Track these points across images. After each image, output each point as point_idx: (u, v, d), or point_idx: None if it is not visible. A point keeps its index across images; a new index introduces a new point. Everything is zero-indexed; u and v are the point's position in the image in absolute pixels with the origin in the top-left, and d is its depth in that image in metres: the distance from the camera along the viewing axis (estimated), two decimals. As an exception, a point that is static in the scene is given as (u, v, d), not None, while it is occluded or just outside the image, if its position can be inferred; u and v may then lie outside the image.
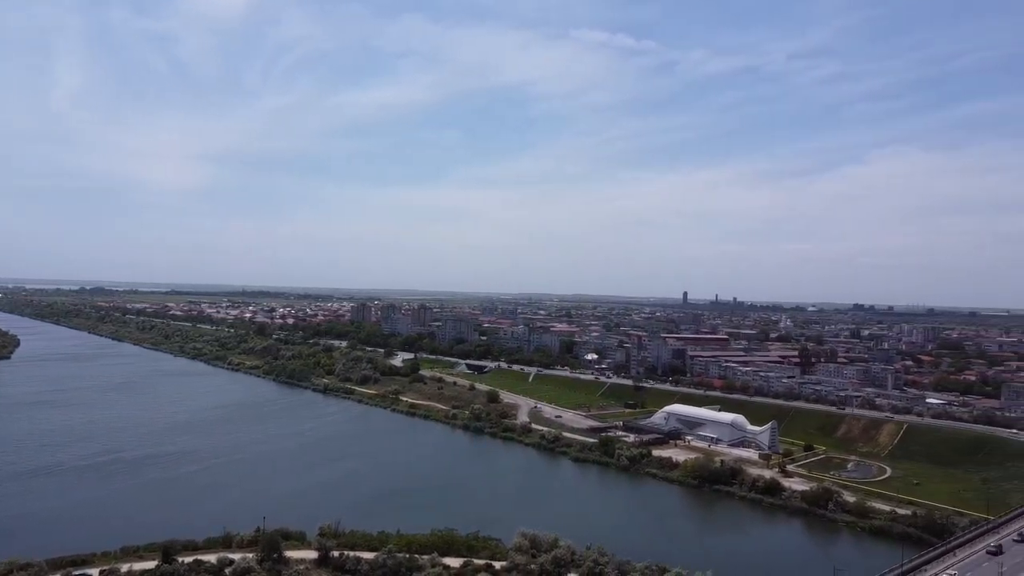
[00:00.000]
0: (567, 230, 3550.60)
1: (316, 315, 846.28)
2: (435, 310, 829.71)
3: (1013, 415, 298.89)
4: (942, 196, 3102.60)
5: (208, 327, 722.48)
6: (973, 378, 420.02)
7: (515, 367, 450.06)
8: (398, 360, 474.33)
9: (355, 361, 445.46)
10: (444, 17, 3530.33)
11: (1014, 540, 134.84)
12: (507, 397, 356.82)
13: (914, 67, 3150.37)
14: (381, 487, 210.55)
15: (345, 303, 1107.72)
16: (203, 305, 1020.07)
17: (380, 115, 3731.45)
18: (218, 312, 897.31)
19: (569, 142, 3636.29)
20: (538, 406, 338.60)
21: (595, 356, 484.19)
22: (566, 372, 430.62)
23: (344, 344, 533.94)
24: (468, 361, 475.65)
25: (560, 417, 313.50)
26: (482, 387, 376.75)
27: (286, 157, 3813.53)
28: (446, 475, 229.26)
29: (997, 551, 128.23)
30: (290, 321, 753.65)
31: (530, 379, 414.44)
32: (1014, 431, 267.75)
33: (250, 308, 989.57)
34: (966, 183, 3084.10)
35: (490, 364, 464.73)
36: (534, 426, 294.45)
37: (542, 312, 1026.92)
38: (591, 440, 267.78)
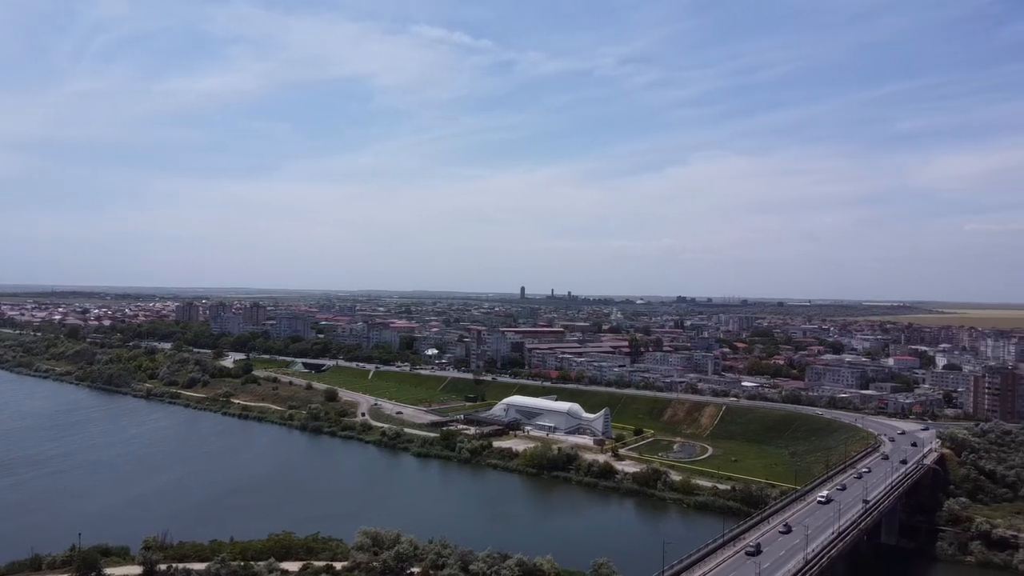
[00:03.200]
0: (407, 226, 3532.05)
1: (137, 316, 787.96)
2: (269, 308, 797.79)
3: (815, 394, 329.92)
4: (753, 196, 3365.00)
5: (10, 331, 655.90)
6: (781, 362, 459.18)
7: (354, 364, 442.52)
8: (229, 361, 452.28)
9: (181, 363, 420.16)
10: (277, 4, 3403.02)
11: (819, 501, 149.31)
12: (346, 395, 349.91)
13: (727, 76, 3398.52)
14: (213, 494, 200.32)
15: (169, 303, 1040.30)
16: (3, 307, 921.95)
17: (209, 104, 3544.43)
18: (22, 315, 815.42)
19: (408, 138, 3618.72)
20: (378, 403, 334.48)
21: (435, 351, 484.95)
22: (406, 368, 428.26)
23: (169, 346, 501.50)
24: (305, 360, 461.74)
25: (401, 413, 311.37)
26: (320, 386, 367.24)
27: (104, 146, 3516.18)
28: (283, 478, 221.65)
29: (815, 507, 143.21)
30: (107, 323, 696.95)
31: (370, 376, 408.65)
32: (816, 409, 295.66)
33: (60, 309, 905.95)
34: (773, 185, 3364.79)
35: (328, 362, 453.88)
36: (374, 423, 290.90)
37: (381, 309, 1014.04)
38: (433, 434, 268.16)
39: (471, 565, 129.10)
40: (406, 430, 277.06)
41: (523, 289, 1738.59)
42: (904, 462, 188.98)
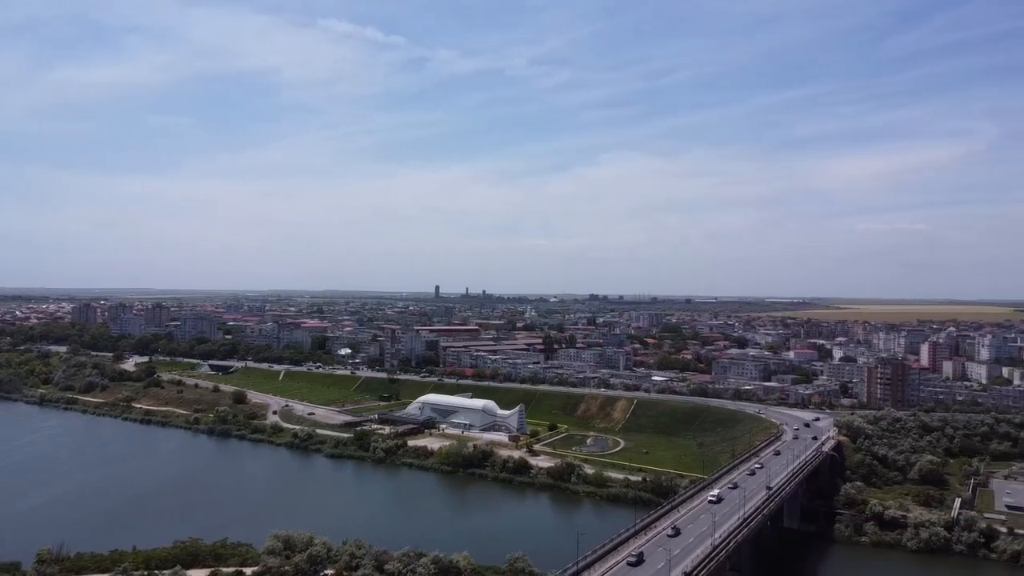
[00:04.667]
0: (318, 224, 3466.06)
1: (28, 318, 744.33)
2: (173, 309, 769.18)
3: (721, 387, 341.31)
4: (661, 197, 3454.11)
5: None
6: (690, 357, 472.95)
7: (264, 365, 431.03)
8: (131, 364, 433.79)
9: (78, 367, 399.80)
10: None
11: (729, 487, 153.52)
12: (256, 397, 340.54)
13: (636, 79, 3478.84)
14: (115, 503, 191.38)
15: (64, 304, 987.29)
16: None
17: (103, 95, 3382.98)
18: None
19: (318, 134, 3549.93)
20: (289, 404, 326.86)
21: (349, 351, 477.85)
22: (319, 368, 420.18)
23: (64, 349, 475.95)
24: (212, 361, 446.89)
25: (313, 414, 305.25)
26: (228, 388, 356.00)
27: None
28: (190, 483, 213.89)
29: (717, 500, 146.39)
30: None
31: (280, 377, 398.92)
32: (722, 401, 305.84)
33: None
34: (681, 185, 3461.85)
35: (236, 364, 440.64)
36: (286, 425, 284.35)
37: (292, 309, 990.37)
38: (346, 435, 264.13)
39: (386, 565, 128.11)
40: (319, 431, 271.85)
41: (438, 288, 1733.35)
42: (804, 450, 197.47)
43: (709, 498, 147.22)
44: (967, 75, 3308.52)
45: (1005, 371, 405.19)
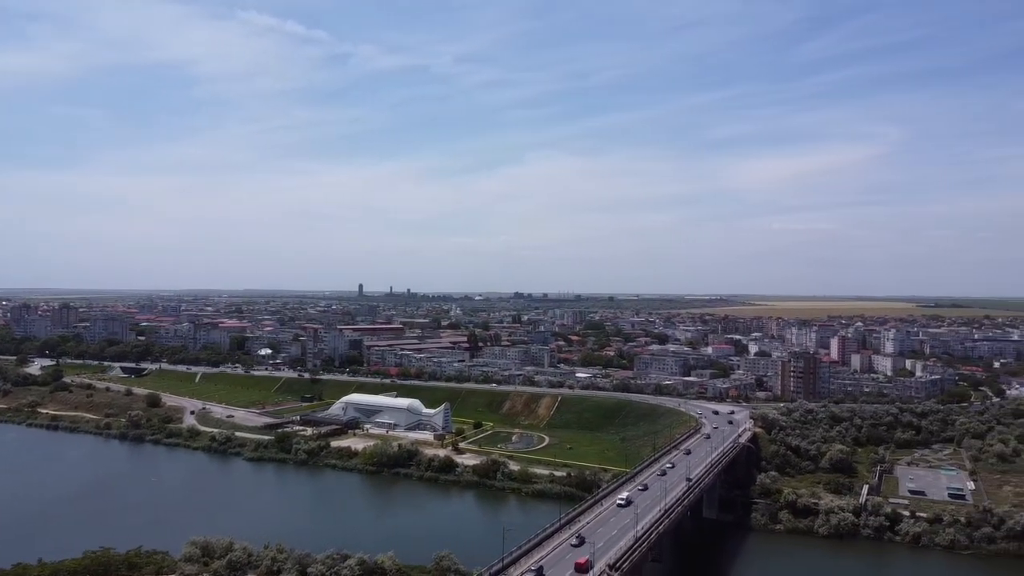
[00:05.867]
0: (237, 222, 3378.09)
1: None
2: (81, 310, 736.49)
3: (643, 382, 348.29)
4: (586, 196, 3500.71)
5: None
6: (612, 353, 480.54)
7: (179, 367, 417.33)
8: (36, 368, 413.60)
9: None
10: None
11: (618, 504, 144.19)
12: (171, 400, 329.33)
13: (561, 79, 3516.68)
14: (18, 514, 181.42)
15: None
16: None
17: (5, 85, 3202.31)
18: None
19: (237, 129, 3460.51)
20: (207, 407, 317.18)
21: (269, 351, 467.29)
22: (238, 369, 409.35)
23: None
24: (124, 364, 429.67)
25: (232, 417, 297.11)
26: (141, 391, 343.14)
27: None
28: (101, 490, 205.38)
29: (626, 503, 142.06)
30: None
31: (197, 379, 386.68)
32: (644, 396, 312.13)
33: None
34: (604, 185, 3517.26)
35: (150, 366, 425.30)
36: (203, 428, 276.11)
37: (210, 308, 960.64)
38: (267, 437, 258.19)
39: (309, 568, 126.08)
40: (238, 434, 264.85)
41: (361, 286, 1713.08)
42: (722, 442, 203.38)
43: (617, 502, 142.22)
44: (874, 81, 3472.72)
45: (908, 363, 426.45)
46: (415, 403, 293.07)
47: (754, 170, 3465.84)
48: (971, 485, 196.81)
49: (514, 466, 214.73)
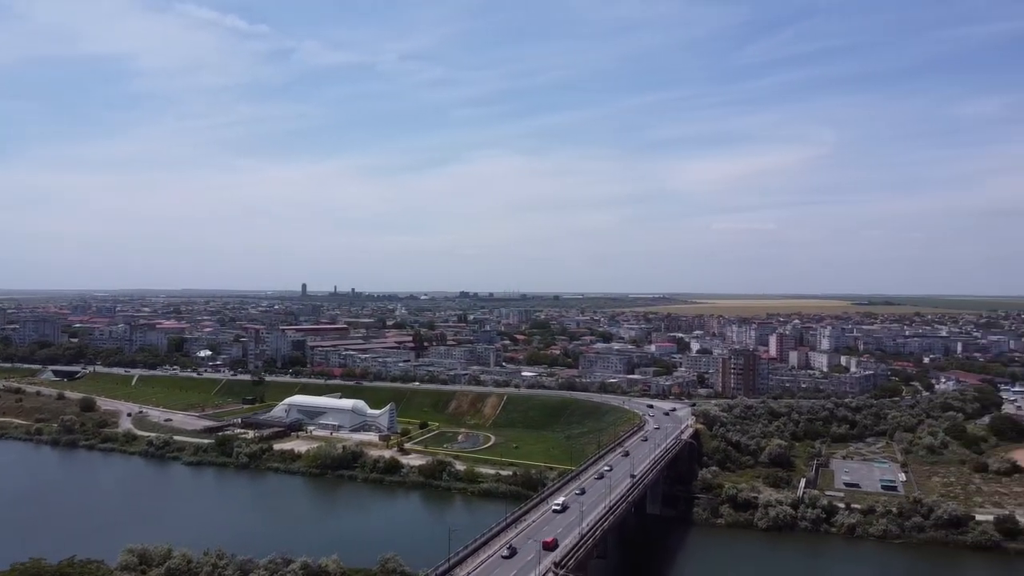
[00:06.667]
0: (176, 220, 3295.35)
1: None
2: (10, 311, 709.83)
3: (588, 380, 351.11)
4: (532, 194, 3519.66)
5: None
6: (558, 352, 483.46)
7: (115, 370, 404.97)
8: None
9: None
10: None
11: (554, 510, 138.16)
12: (106, 404, 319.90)
13: (506, 78, 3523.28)
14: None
15: None
16: None
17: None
18: None
19: (176, 125, 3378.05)
20: (144, 411, 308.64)
21: (209, 352, 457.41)
22: (176, 372, 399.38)
23: None
24: (55, 367, 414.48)
25: (170, 420, 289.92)
26: (74, 395, 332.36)
27: None
28: (30, 499, 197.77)
29: (561, 509, 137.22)
30: None
31: (133, 382, 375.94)
32: (589, 394, 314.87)
33: None
34: (550, 184, 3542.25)
35: (84, 369, 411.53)
36: (140, 433, 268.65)
37: (147, 309, 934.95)
38: (207, 441, 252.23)
39: (251, 573, 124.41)
40: (176, 438, 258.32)
41: (305, 286, 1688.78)
42: (665, 438, 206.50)
43: (553, 507, 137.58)
44: (811, 85, 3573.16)
45: (843, 360, 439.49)
46: (360, 404, 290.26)
47: (696, 171, 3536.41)
48: (902, 477, 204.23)
49: (460, 466, 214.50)
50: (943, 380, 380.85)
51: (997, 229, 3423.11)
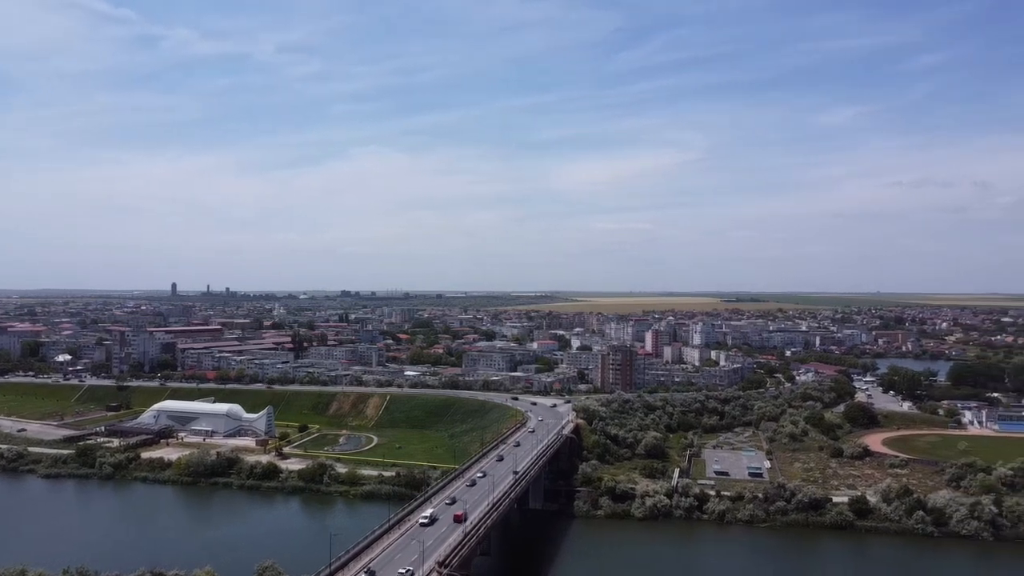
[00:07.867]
0: (28, 215, 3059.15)
1: None
2: None
3: (471, 379, 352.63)
4: (414, 193, 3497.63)
5: None
6: (441, 351, 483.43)
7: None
8: None
9: None
10: None
11: (421, 523, 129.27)
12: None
13: (388, 74, 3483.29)
14: None
15: None
16: None
17: None
18: None
19: (28, 112, 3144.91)
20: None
21: (68, 357, 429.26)
22: (31, 377, 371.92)
23: None
24: None
25: (24, 430, 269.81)
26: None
27: None
28: None
29: (429, 522, 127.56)
30: None
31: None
32: (472, 392, 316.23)
33: None
34: (433, 182, 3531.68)
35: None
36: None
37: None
38: (67, 451, 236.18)
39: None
40: (31, 449, 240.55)
41: (174, 286, 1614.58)
42: (547, 434, 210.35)
43: (420, 520, 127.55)
44: (683, 91, 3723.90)
45: (713, 354, 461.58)
46: (235, 408, 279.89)
47: (576, 172, 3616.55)
48: (767, 464, 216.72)
49: (342, 468, 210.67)
50: (803, 372, 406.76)
51: (850, 230, 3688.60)
